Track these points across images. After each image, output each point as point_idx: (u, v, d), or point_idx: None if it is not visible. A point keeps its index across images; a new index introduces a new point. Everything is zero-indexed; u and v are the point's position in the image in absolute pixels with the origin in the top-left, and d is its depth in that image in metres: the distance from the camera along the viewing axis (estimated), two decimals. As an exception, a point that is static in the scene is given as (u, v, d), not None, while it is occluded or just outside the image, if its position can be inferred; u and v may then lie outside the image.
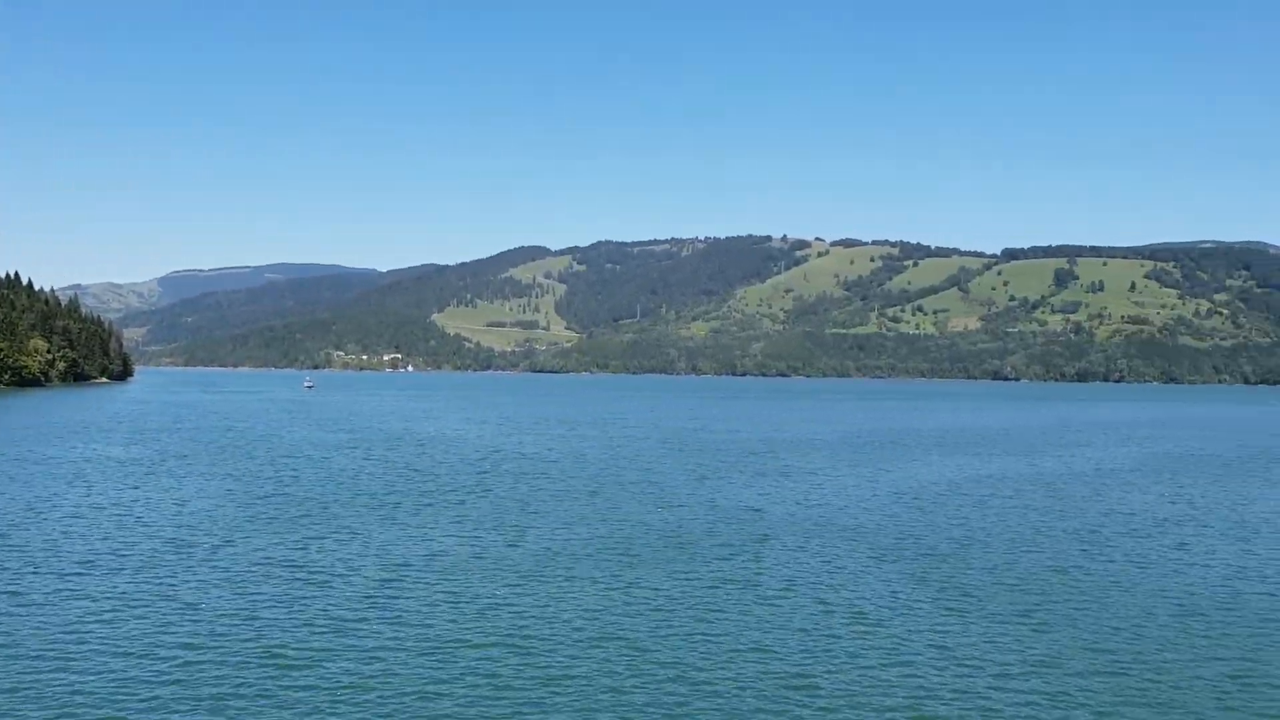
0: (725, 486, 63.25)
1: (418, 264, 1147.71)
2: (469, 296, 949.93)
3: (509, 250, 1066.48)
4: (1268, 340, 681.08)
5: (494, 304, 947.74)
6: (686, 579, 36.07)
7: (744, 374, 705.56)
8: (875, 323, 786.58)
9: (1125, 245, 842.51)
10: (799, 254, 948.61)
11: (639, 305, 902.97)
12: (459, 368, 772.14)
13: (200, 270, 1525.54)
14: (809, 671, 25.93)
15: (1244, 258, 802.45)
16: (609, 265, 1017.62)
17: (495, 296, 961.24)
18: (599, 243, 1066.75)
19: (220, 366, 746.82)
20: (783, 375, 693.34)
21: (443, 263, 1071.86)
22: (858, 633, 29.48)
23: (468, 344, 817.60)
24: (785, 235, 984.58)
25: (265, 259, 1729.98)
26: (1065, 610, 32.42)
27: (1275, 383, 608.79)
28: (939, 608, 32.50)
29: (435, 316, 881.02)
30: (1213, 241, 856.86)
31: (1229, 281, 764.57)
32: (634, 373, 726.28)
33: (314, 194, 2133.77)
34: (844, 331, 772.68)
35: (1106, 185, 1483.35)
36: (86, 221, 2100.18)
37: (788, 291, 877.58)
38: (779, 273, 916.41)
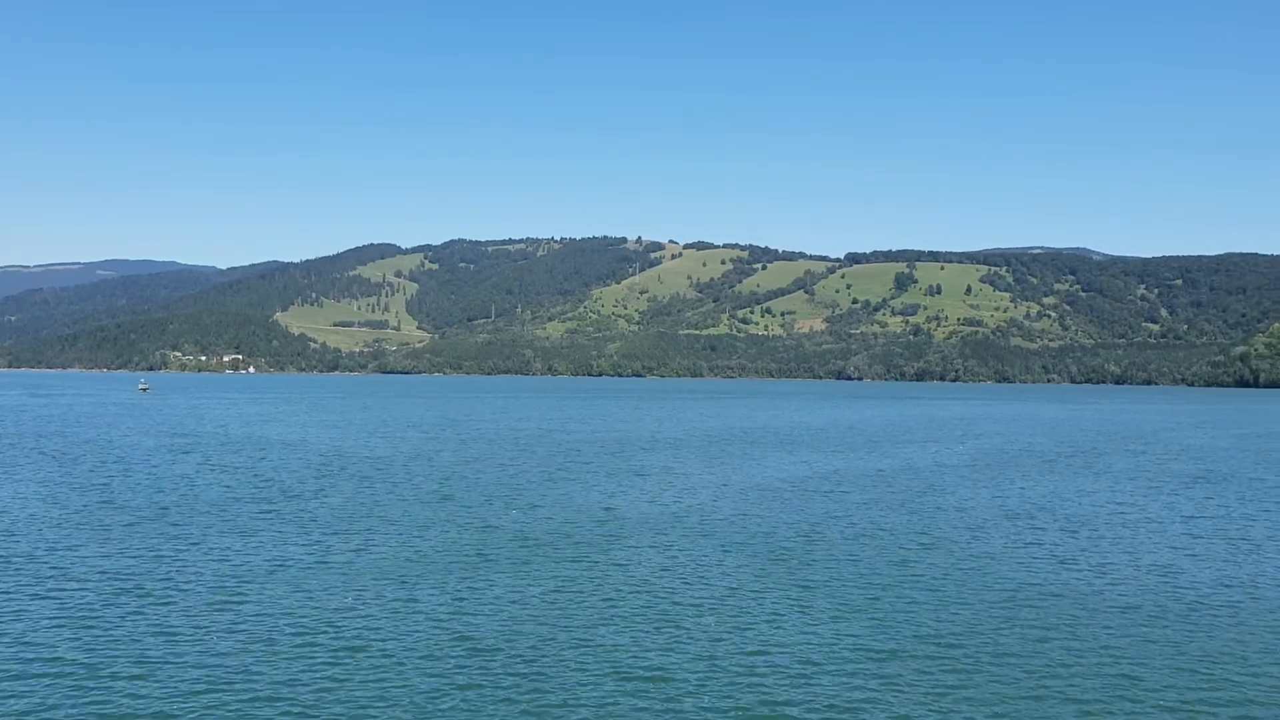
0: (579, 487, 63.30)
1: (260, 261, 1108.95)
2: (315, 295, 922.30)
3: (357, 247, 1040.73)
4: (1091, 341, 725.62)
5: (341, 303, 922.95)
6: (538, 580, 35.94)
7: (600, 374, 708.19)
8: (726, 324, 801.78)
9: (961, 250, 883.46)
10: (653, 256, 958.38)
11: (494, 305, 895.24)
12: (304, 369, 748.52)
13: (25, 266, 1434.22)
14: (657, 666, 26.19)
15: (1070, 263, 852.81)
16: (463, 264, 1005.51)
17: (343, 295, 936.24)
18: (452, 241, 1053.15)
19: (48, 368, 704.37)
20: (638, 375, 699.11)
21: (287, 260, 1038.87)
22: (705, 627, 29.94)
23: (313, 344, 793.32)
24: (640, 237, 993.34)
25: (97, 255, 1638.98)
26: (904, 602, 33.71)
27: (1099, 382, 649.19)
28: (785, 601, 33.31)
29: (279, 316, 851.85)
30: (1041, 247, 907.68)
31: (1057, 286, 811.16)
32: (488, 374, 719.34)
33: (149, 189, 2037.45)
34: (697, 332, 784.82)
35: (944, 192, 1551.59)
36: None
37: (642, 293, 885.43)
38: (634, 274, 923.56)
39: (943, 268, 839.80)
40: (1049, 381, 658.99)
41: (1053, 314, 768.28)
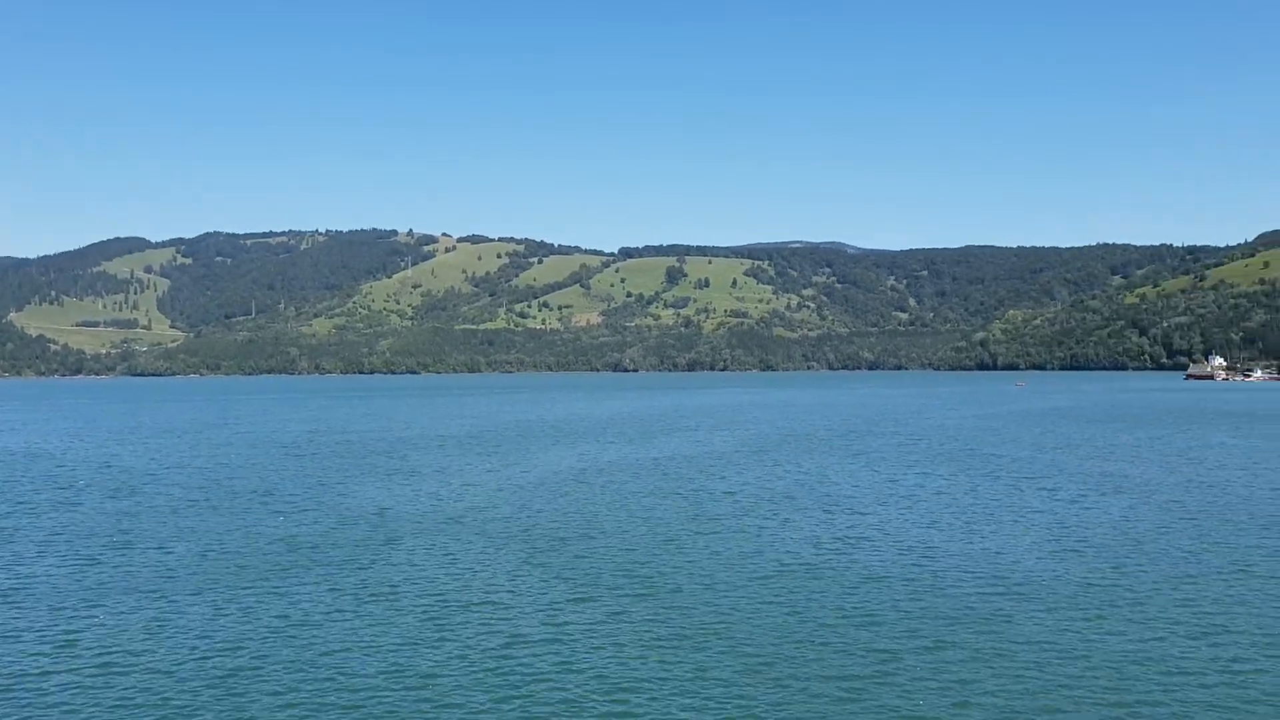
0: (350, 489, 61.33)
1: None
2: (54, 294, 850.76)
3: (102, 242, 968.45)
4: (846, 330, 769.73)
5: (85, 301, 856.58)
6: (307, 585, 34.56)
7: (371, 372, 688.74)
8: (504, 318, 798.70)
9: (728, 245, 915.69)
10: (426, 249, 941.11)
11: (254, 301, 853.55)
12: (43, 373, 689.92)
13: None
14: (428, 666, 25.72)
15: (827, 256, 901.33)
16: (219, 259, 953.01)
17: (86, 293, 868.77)
18: (207, 234, 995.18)
19: None
20: (412, 372, 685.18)
21: (21, 255, 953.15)
22: (477, 623, 29.68)
23: (53, 346, 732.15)
24: (411, 230, 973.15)
25: None
26: (675, 586, 34.55)
27: (854, 368, 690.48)
28: (561, 593, 33.46)
29: (13, 316, 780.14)
30: (801, 242, 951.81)
31: (815, 278, 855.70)
32: (250, 374, 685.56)
33: None
34: (473, 327, 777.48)
35: (711, 189, 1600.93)
36: None
37: (415, 287, 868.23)
38: (406, 268, 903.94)
39: (710, 262, 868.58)
40: (809, 369, 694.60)
41: (812, 305, 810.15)
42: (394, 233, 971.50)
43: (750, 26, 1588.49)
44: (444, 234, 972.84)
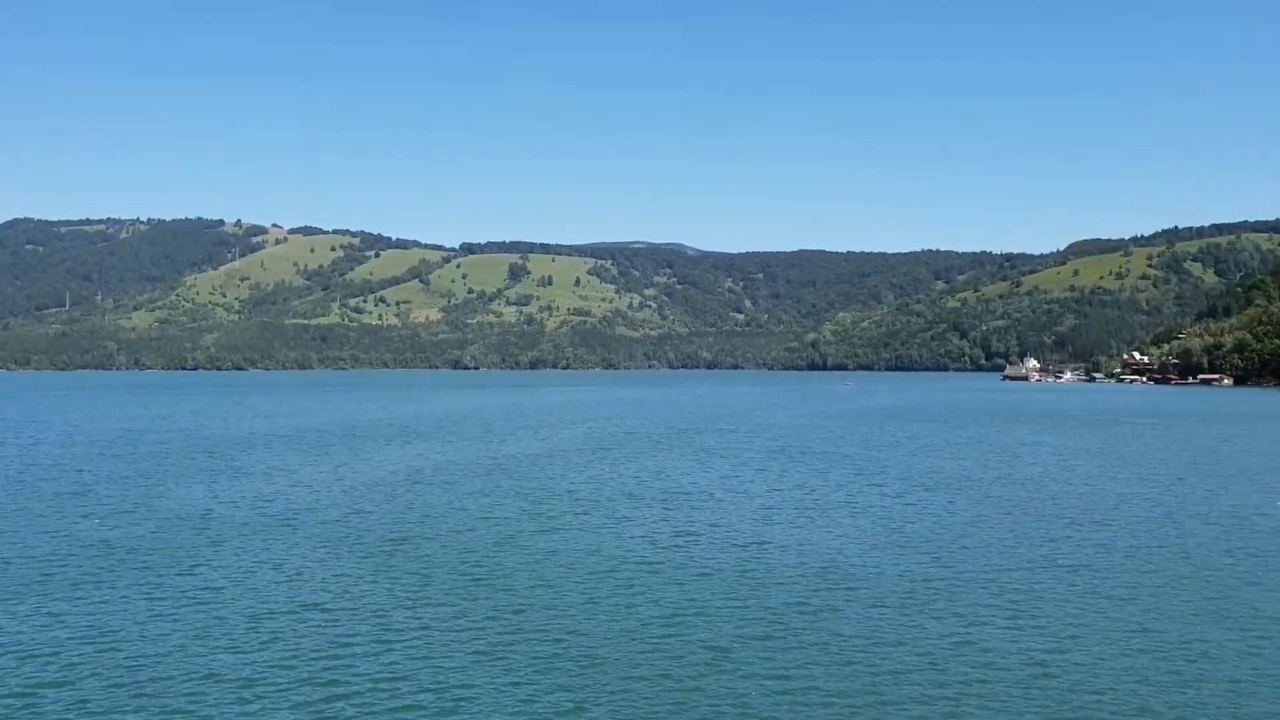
0: (171, 490, 58.39)
1: None
2: None
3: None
4: (686, 330, 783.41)
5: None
6: (120, 593, 32.69)
7: (195, 368, 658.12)
8: (338, 313, 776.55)
9: (571, 244, 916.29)
10: (255, 240, 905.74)
11: (68, 293, 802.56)
12: None
13: None
14: (248, 673, 24.74)
15: (668, 257, 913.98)
16: (29, 246, 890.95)
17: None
18: (15, 220, 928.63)
19: None
20: (239, 369, 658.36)
21: None
22: (304, 628, 28.72)
23: None
24: (239, 220, 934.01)
25: None
26: (512, 586, 34.29)
27: (693, 367, 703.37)
28: (393, 596, 32.74)
29: None
30: (642, 242, 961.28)
31: (656, 278, 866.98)
32: (63, 369, 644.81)
33: None
34: (305, 322, 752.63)
35: (555, 187, 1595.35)
36: None
37: (243, 280, 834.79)
38: (233, 260, 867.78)
39: (554, 260, 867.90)
40: (650, 367, 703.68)
41: (653, 305, 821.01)
42: (221, 223, 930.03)
43: (622, 24, 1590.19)
44: (274, 225, 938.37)
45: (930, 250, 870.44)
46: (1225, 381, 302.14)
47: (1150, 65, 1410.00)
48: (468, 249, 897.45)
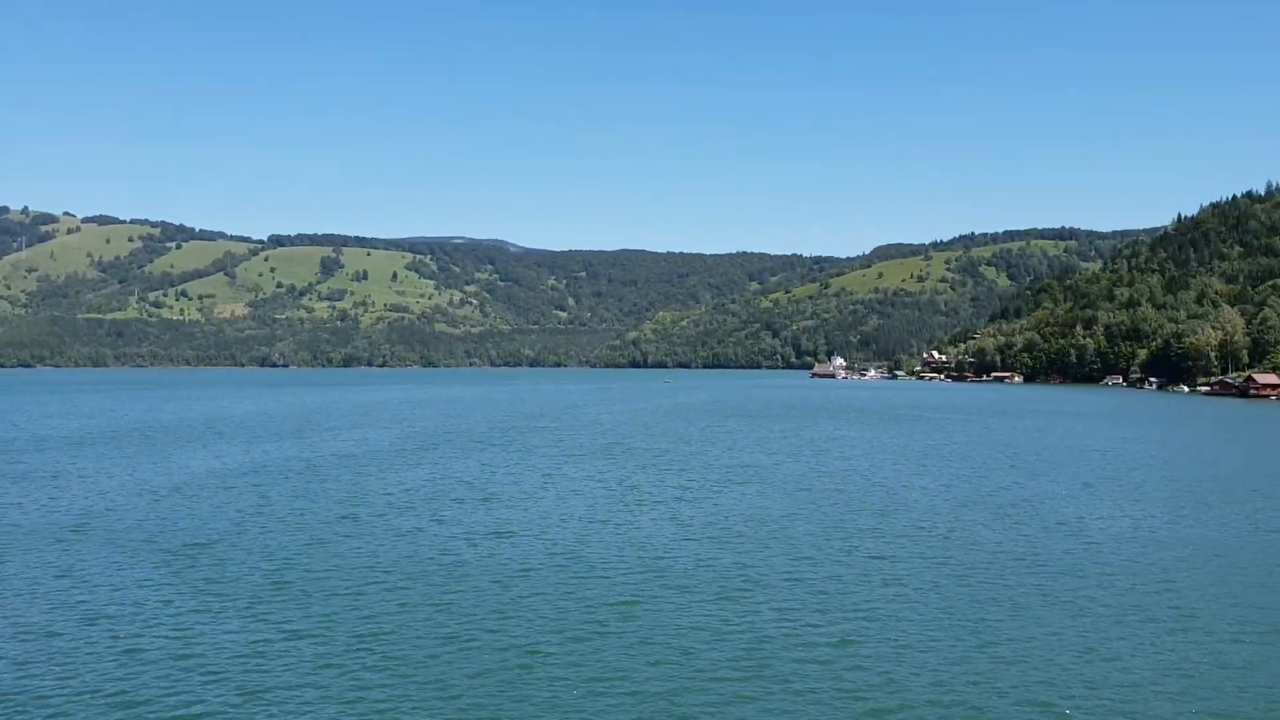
0: (-59, 497, 53.67)
1: None
2: None
3: None
4: (509, 327, 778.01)
5: None
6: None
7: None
8: (135, 307, 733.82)
9: (387, 237, 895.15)
10: (44, 229, 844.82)
11: None
12: None
13: None
14: (38, 688, 23.06)
15: (490, 253, 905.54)
16: None
17: None
18: None
19: None
20: (26, 365, 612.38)
21: None
22: (98, 639, 26.98)
23: None
24: (26, 208, 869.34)
25: None
26: (323, 590, 33.17)
27: (516, 364, 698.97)
28: (194, 603, 31.12)
29: None
30: (463, 238, 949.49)
31: (477, 275, 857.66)
32: None
33: None
34: (100, 317, 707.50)
35: (369, 177, 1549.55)
36: None
37: (30, 271, 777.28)
38: (19, 249, 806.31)
39: (369, 254, 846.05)
40: (471, 365, 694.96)
41: (474, 301, 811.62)
42: (5, 210, 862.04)
43: (446, 14, 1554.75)
44: (66, 213, 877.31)
45: (745, 252, 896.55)
46: (1016, 379, 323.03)
47: (949, 74, 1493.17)
48: (277, 241, 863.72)
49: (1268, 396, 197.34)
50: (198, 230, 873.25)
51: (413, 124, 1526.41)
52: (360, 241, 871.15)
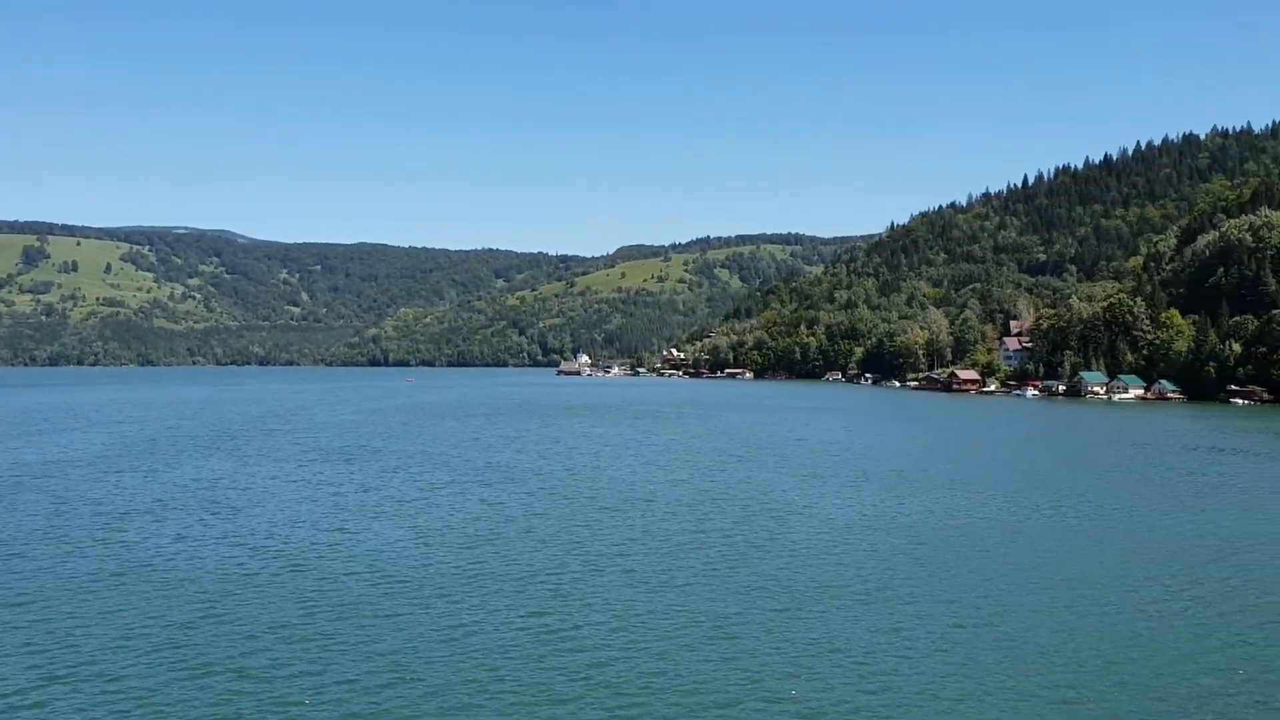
0: None
1: None
2: None
3: None
4: (236, 324, 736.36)
5: None
6: None
7: None
8: None
9: (100, 226, 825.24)
10: None
11: None
12: None
13: None
14: None
15: (215, 245, 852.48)
16: None
17: None
18: None
19: None
20: None
21: None
22: None
23: None
24: None
25: None
26: (22, 600, 30.29)
27: (244, 363, 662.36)
28: None
29: None
30: (185, 228, 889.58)
31: (202, 267, 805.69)
32: None
33: None
34: None
35: (78, 161, 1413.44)
36: None
37: None
38: None
39: (79, 243, 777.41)
40: (194, 364, 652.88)
41: (198, 295, 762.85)
42: None
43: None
44: None
45: (491, 249, 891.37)
46: (747, 375, 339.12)
47: (694, 89, 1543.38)
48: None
49: (968, 390, 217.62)
50: None
51: (130, 105, 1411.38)
52: (69, 230, 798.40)
